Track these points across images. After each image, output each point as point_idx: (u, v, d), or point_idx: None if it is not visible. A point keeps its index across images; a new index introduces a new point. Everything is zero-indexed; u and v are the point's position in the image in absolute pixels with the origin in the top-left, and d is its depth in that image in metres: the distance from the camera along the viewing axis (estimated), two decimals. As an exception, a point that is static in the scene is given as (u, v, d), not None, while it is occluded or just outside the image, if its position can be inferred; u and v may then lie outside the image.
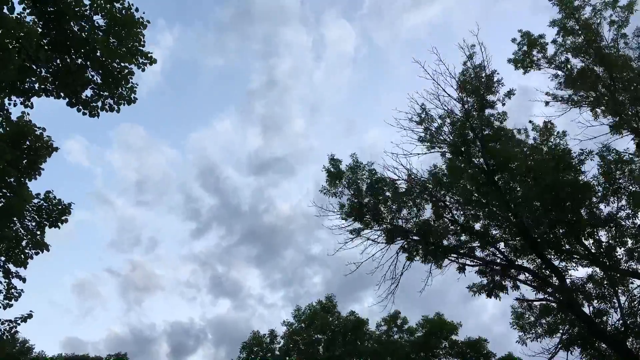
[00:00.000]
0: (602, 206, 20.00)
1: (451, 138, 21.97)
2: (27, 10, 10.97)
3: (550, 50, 23.62)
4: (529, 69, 23.96)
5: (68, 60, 11.78)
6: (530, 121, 22.52)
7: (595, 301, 20.41)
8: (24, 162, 12.60)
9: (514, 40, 23.99)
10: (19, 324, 14.41)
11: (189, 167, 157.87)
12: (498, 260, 21.64)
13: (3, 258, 13.51)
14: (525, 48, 23.65)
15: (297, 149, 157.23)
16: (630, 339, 19.58)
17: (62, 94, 12.18)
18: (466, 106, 21.67)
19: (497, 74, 21.47)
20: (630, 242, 19.65)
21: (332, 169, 22.38)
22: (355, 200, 21.94)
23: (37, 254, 13.56)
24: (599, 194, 19.73)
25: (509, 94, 21.41)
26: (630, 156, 19.79)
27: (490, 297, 21.68)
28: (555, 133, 21.77)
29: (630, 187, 19.22)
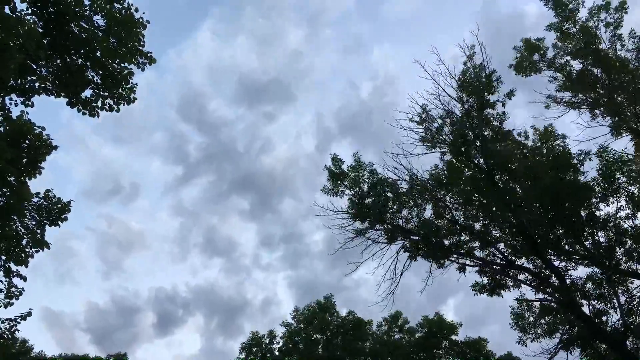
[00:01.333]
0: (601, 206, 20.02)
1: (451, 138, 22.00)
2: (28, 10, 11.05)
3: (550, 53, 23.72)
4: (529, 73, 24.02)
5: (68, 60, 11.85)
6: (532, 126, 22.60)
7: (595, 301, 20.43)
8: (23, 161, 12.64)
9: (515, 48, 24.10)
10: (19, 323, 14.46)
11: (169, 93, 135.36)
12: (498, 260, 21.70)
13: (3, 257, 13.57)
14: (525, 54, 23.70)
15: (295, 69, 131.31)
16: (630, 339, 19.58)
17: (62, 94, 12.24)
18: (466, 106, 21.71)
19: (496, 72, 21.52)
20: (629, 242, 19.64)
21: (334, 169, 22.50)
22: (358, 201, 22.03)
23: (37, 252, 13.62)
24: (599, 194, 19.73)
25: (509, 94, 21.39)
26: (629, 156, 19.81)
27: (492, 296, 21.83)
28: (555, 136, 21.81)
29: (630, 188, 19.22)
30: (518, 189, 21.21)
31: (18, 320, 14.32)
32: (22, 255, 13.46)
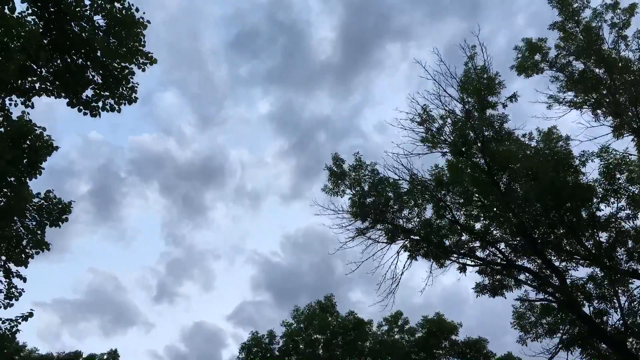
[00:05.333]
0: (602, 207, 20.02)
1: (452, 138, 22.00)
2: (29, 10, 11.01)
3: (552, 53, 23.67)
4: (531, 73, 23.96)
5: (69, 60, 11.80)
6: (537, 129, 22.58)
7: (596, 301, 20.42)
8: (24, 161, 12.61)
9: (516, 48, 24.01)
10: (19, 323, 14.46)
11: None
12: (498, 260, 21.71)
13: (4, 257, 13.55)
14: (527, 54, 23.61)
15: None
16: (630, 339, 19.59)
17: (62, 94, 12.21)
18: (467, 106, 21.69)
19: (499, 75, 21.47)
20: (630, 242, 19.64)
21: (335, 169, 22.50)
22: (358, 200, 22.04)
23: (37, 253, 13.59)
24: (600, 194, 19.72)
25: (512, 97, 21.29)
26: (631, 157, 19.82)
27: (495, 297, 21.86)
28: (559, 137, 21.80)
29: (630, 188, 19.21)
30: (519, 189, 21.20)
31: (19, 320, 14.32)
32: (22, 256, 13.44)
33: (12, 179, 12.46)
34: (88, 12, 11.43)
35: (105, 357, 41.08)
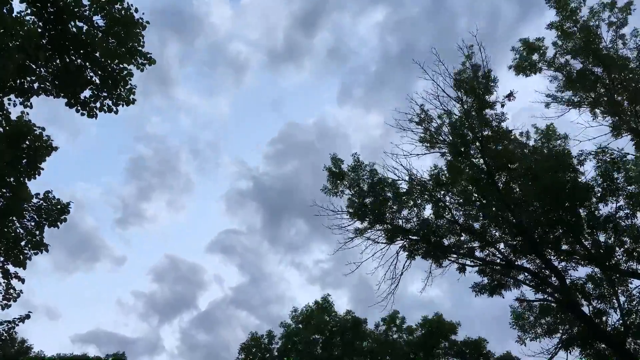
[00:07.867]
0: (601, 206, 20.03)
1: (450, 138, 21.99)
2: (27, 10, 10.96)
3: (550, 52, 23.66)
4: (529, 73, 23.94)
5: (67, 60, 11.75)
6: (533, 125, 22.57)
7: (595, 301, 20.45)
8: (23, 162, 12.55)
9: (513, 49, 23.99)
10: (17, 325, 14.41)
11: None
12: (498, 261, 21.70)
13: (2, 258, 13.47)
14: (525, 54, 23.60)
15: None
16: (629, 339, 19.60)
17: (61, 94, 12.15)
18: (465, 106, 21.68)
19: (492, 71, 21.43)
20: (629, 242, 19.65)
21: (334, 169, 22.47)
22: (357, 201, 22.02)
23: (36, 254, 13.51)
24: (598, 194, 19.74)
25: (509, 96, 21.29)
26: (629, 156, 19.83)
27: (493, 296, 21.86)
28: (557, 135, 21.81)
29: (629, 188, 19.22)
30: (518, 189, 21.21)
31: (17, 322, 14.27)
32: (21, 256, 13.35)
33: (11, 179, 12.39)
34: (87, 12, 11.38)
35: (110, 359, 41.09)
